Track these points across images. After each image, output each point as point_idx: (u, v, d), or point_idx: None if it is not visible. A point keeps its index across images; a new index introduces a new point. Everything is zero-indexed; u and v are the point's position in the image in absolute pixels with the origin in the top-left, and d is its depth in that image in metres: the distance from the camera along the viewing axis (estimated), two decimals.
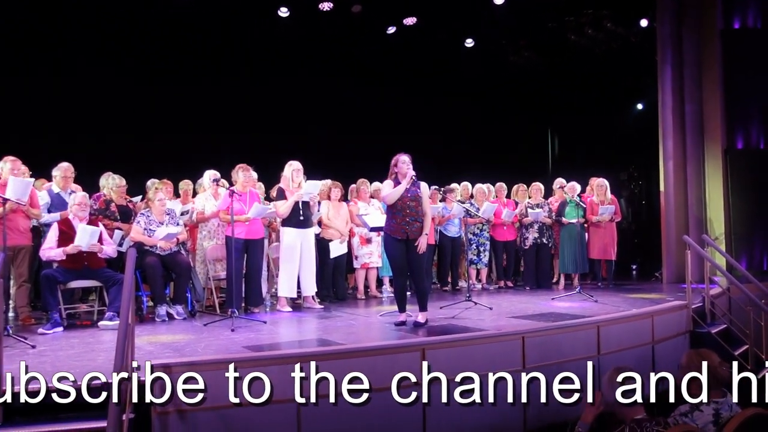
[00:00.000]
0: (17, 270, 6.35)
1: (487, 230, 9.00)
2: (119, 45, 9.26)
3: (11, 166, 6.25)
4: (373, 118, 10.89)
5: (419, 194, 5.86)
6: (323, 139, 10.34)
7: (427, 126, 11.07)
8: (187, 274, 6.66)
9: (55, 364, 4.47)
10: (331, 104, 10.62)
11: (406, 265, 5.89)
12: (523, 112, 12.44)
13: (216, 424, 3.84)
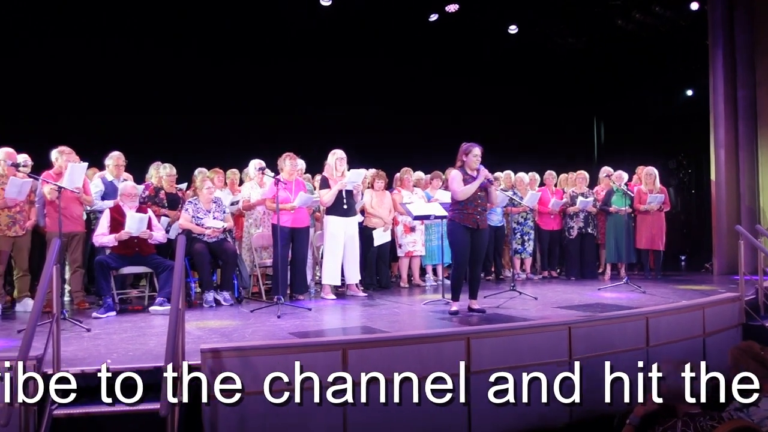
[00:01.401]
0: (71, 256, 6.55)
1: (531, 219, 8.91)
2: (171, 34, 9.40)
3: (67, 157, 6.45)
4: (415, 106, 10.85)
5: (486, 184, 5.87)
6: (367, 127, 10.35)
7: (468, 115, 10.96)
8: (233, 262, 6.77)
9: (109, 347, 4.60)
10: (373, 91, 10.62)
11: (469, 254, 5.89)
12: (568, 100, 12.25)
13: (264, 408, 3.89)
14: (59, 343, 3.84)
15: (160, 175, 7.29)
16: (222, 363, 3.86)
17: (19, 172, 6.11)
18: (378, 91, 10.63)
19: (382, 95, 10.63)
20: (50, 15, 8.64)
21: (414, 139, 10.55)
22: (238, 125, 9.61)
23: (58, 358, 3.80)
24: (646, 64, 11.53)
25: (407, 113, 10.74)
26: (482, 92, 11.37)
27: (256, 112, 9.83)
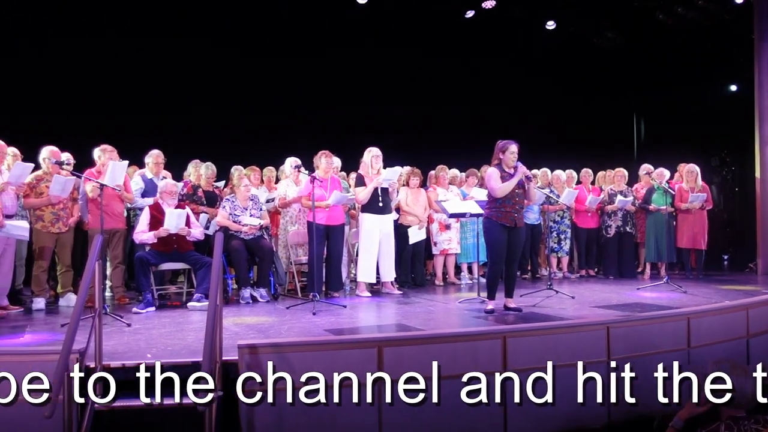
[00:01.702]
0: (113, 252, 6.69)
1: (568, 218, 8.80)
2: (211, 33, 9.53)
3: (109, 155, 6.59)
4: (451, 103, 10.80)
5: (523, 181, 5.82)
6: (402, 124, 10.34)
7: (505, 112, 10.87)
8: (269, 259, 6.83)
9: (148, 342, 4.69)
10: (408, 88, 10.60)
11: (505, 253, 5.85)
12: (607, 96, 12.04)
13: (299, 405, 3.91)
14: (101, 337, 3.92)
15: (199, 173, 7.38)
16: (258, 359, 3.89)
17: (62, 170, 6.26)
18: (414, 88, 10.61)
19: (418, 92, 10.61)
20: (90, 14, 8.83)
21: (449, 136, 10.50)
22: (275, 123, 9.68)
23: (100, 352, 3.88)
24: (688, 59, 11.25)
25: (443, 110, 10.70)
26: (519, 89, 11.25)
27: (293, 110, 9.88)
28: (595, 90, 11.94)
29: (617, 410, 4.64)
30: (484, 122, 10.20)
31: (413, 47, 10.66)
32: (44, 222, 6.34)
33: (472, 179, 8.52)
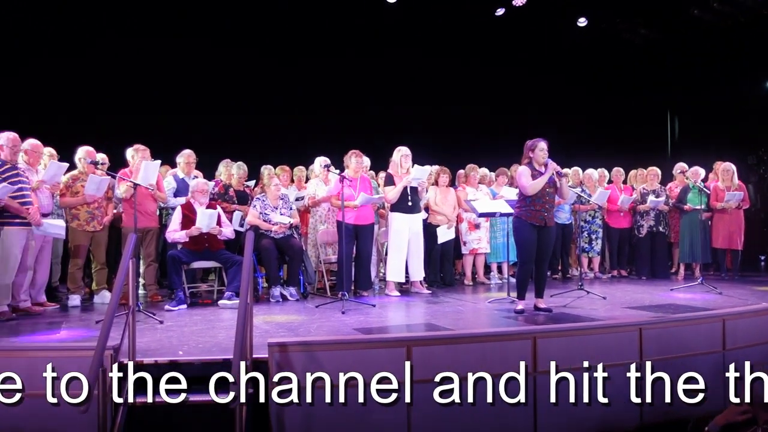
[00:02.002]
0: (146, 250, 6.79)
1: (599, 217, 8.68)
2: (239, 35, 9.64)
3: (141, 154, 6.70)
4: (480, 102, 10.74)
5: (554, 179, 5.76)
6: (431, 124, 10.32)
7: (536, 109, 10.78)
8: (299, 258, 6.88)
9: (180, 339, 4.75)
10: (438, 88, 10.58)
11: (535, 252, 5.80)
12: (640, 93, 11.85)
13: (328, 403, 3.93)
14: (135, 334, 3.99)
15: (230, 173, 7.45)
16: (288, 357, 3.92)
17: (97, 170, 6.38)
18: (443, 88, 10.59)
19: (447, 92, 10.58)
20: (128, 16, 9.00)
21: (479, 135, 10.45)
22: (305, 123, 9.74)
23: (134, 348, 3.95)
24: (723, 55, 11.01)
25: (472, 109, 10.64)
26: (549, 87, 11.14)
27: (323, 110, 9.93)
28: (628, 87, 11.77)
29: (650, 412, 4.58)
30: (514, 121, 10.14)
31: (442, 46, 10.64)
32: (80, 220, 6.46)
33: (502, 178, 8.46)
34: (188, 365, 4.00)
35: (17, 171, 5.72)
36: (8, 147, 5.68)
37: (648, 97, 11.97)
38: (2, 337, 4.90)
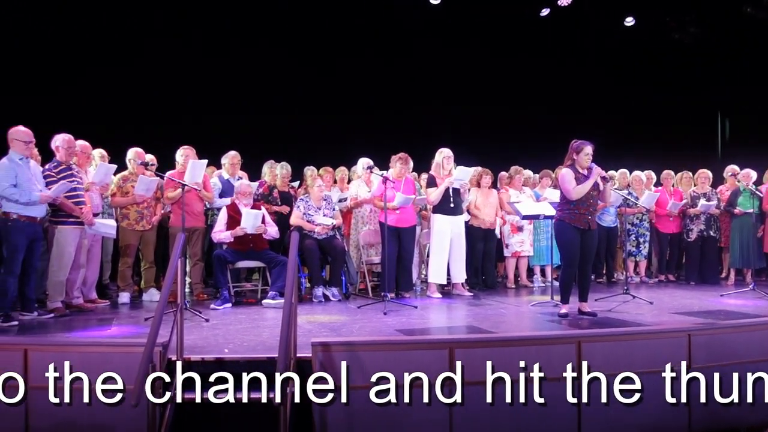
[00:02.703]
0: (192, 249, 6.93)
1: (647, 220, 8.51)
2: (282, 38, 9.77)
3: (188, 153, 6.85)
4: (523, 103, 10.64)
5: (598, 182, 5.70)
6: (474, 125, 10.27)
7: (581, 110, 10.64)
8: (342, 258, 6.93)
9: (226, 337, 4.83)
10: (481, 89, 10.52)
11: (578, 256, 5.75)
12: (689, 94, 11.57)
13: (371, 404, 3.95)
14: (182, 331, 4.08)
15: (274, 174, 7.54)
16: (331, 357, 3.95)
17: (147, 170, 6.54)
18: (486, 88, 10.52)
19: (490, 93, 10.51)
20: (172, 26, 9.26)
21: (522, 136, 10.35)
22: (348, 124, 9.81)
23: (182, 345, 4.04)
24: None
25: (516, 110, 10.55)
26: (595, 87, 10.98)
27: (366, 110, 9.99)
28: (677, 88, 11.49)
29: (698, 419, 4.48)
30: (559, 122, 10.01)
31: (485, 47, 10.59)
32: (129, 220, 6.64)
33: (546, 180, 8.36)
34: (234, 363, 4.06)
35: (71, 171, 5.92)
36: (63, 148, 5.88)
37: (697, 97, 11.68)
38: (56, 332, 5.08)
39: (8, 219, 5.36)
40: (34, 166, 5.71)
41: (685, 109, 11.57)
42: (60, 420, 3.78)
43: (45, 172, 5.77)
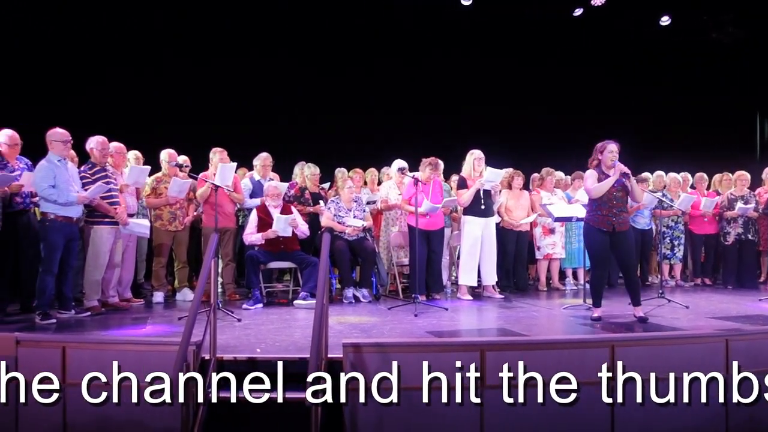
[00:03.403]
0: (224, 250, 7.00)
1: (682, 223, 8.35)
2: (312, 45, 9.85)
3: (220, 156, 6.93)
4: (556, 105, 10.54)
5: (625, 183, 5.59)
6: (505, 126, 10.20)
7: (616, 111, 10.50)
8: (372, 259, 6.94)
9: (258, 337, 4.88)
10: (512, 90, 10.45)
11: (608, 258, 5.68)
12: (726, 94, 11.33)
13: (402, 405, 3.95)
14: (216, 331, 4.12)
15: (305, 175, 7.59)
16: (362, 358, 3.96)
17: (180, 172, 6.64)
18: (518, 89, 10.45)
19: (522, 93, 10.44)
20: (207, 24, 9.40)
21: (554, 137, 10.25)
22: (379, 125, 9.85)
23: (215, 344, 4.08)
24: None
25: (548, 111, 10.46)
26: (629, 88, 10.84)
27: (397, 112, 9.99)
28: (714, 88, 11.27)
29: (735, 426, 4.38)
30: (591, 124, 9.88)
31: (519, 47, 10.52)
32: (163, 220, 6.74)
33: (578, 182, 8.24)
34: (266, 363, 4.08)
35: (106, 173, 6.03)
36: (98, 150, 6.00)
37: (735, 98, 11.45)
38: (93, 330, 5.18)
39: (46, 219, 5.49)
40: (72, 167, 5.83)
41: (723, 110, 11.34)
42: (96, 416, 3.84)
43: (80, 174, 5.90)
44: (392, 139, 9.29)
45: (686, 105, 11.16)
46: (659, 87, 11.03)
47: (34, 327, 5.26)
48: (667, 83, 11.12)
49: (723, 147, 10.85)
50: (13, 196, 5.70)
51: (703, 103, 11.20)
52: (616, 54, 10.97)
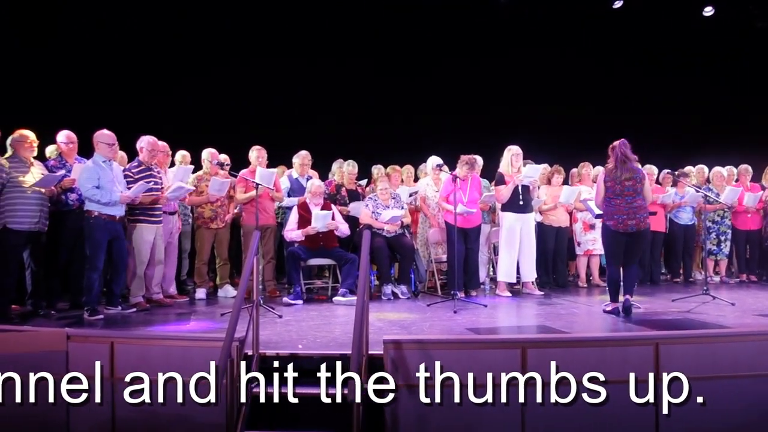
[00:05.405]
0: (264, 247, 7.07)
1: (728, 218, 8.15)
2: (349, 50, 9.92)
3: (257, 155, 7.02)
4: (595, 101, 10.38)
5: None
6: (544, 120, 10.10)
7: (657, 104, 10.30)
8: (410, 256, 6.94)
9: (299, 333, 4.93)
10: (553, 84, 10.34)
11: (622, 255, 5.75)
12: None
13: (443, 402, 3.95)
14: (258, 327, 4.18)
15: (343, 171, 7.63)
16: (403, 354, 3.97)
17: (221, 170, 6.74)
18: (558, 85, 10.32)
19: (561, 89, 10.31)
20: (248, 39, 9.60)
21: (594, 133, 10.08)
22: (417, 123, 9.86)
23: (257, 340, 4.14)
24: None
25: (587, 107, 10.31)
26: (671, 82, 10.60)
27: (436, 109, 9.99)
28: (759, 80, 10.96)
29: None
30: (634, 118, 9.71)
31: (557, 43, 10.39)
32: (204, 218, 6.85)
33: None
34: (308, 359, 4.13)
35: (151, 172, 6.16)
36: (147, 150, 6.14)
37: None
38: (139, 326, 5.31)
39: (90, 217, 5.64)
40: (117, 167, 5.97)
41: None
42: (143, 413, 3.93)
43: (125, 172, 6.03)
44: (429, 136, 9.29)
45: (730, 97, 10.87)
46: (702, 79, 10.77)
47: (83, 323, 5.41)
48: (709, 75, 10.84)
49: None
50: (67, 192, 5.87)
51: (747, 95, 10.90)
52: (657, 47, 10.75)
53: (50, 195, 5.74)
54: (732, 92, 10.89)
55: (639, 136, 5.84)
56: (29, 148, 5.70)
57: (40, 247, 5.76)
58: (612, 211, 5.65)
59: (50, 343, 4.13)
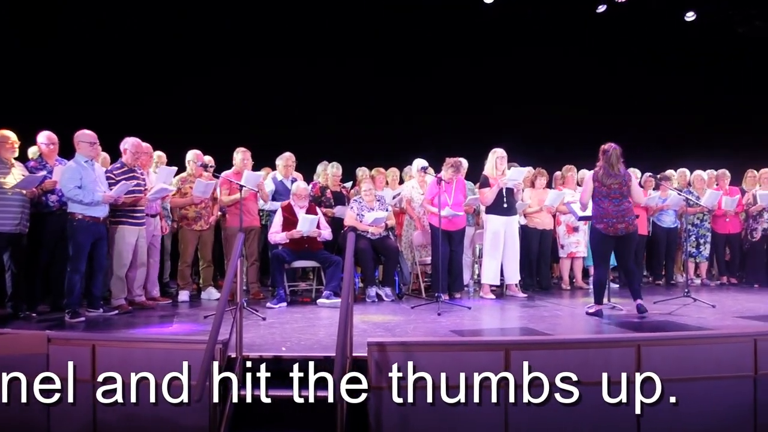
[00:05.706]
0: (248, 249, 7.04)
1: (708, 221, 8.25)
2: (339, 39, 9.91)
3: (242, 156, 7.00)
4: (579, 103, 10.45)
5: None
6: (526, 123, 10.16)
7: (640, 107, 10.40)
8: (395, 258, 6.95)
9: (283, 336, 4.92)
10: (535, 88, 10.40)
11: (609, 257, 5.93)
12: (752, 90, 11.15)
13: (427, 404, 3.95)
14: (242, 329, 4.16)
15: (327, 174, 7.62)
16: (387, 357, 3.97)
17: (206, 172, 6.71)
18: (541, 87, 10.39)
19: (545, 92, 10.37)
20: (243, 41, 9.58)
21: (578, 136, 10.16)
22: (401, 125, 9.87)
23: (241, 343, 4.13)
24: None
25: (571, 110, 10.38)
26: (653, 85, 10.71)
27: (417, 112, 10.01)
28: (739, 85, 11.11)
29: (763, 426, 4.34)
30: (615, 122, 9.78)
31: (541, 46, 10.45)
32: (188, 220, 6.81)
33: None
34: (291, 361, 4.10)
35: (134, 174, 6.11)
36: (131, 152, 6.10)
37: (762, 93, 11.26)
38: (121, 328, 5.26)
39: (74, 219, 5.58)
40: (99, 168, 5.92)
41: (753, 106, 11.17)
42: (125, 415, 3.90)
43: (107, 173, 5.98)
44: (413, 139, 9.30)
45: (712, 101, 11.00)
46: (684, 83, 10.89)
47: (64, 325, 5.35)
48: (692, 79, 10.97)
49: (754, 144, 10.68)
50: (47, 194, 5.81)
51: (728, 100, 11.04)
52: (639, 51, 10.86)
53: (31, 197, 5.68)
54: (714, 96, 11.03)
55: (622, 139, 5.87)
56: (10, 149, 5.64)
57: (20, 249, 5.69)
58: (601, 214, 5.72)
59: (30, 346, 4.08)
